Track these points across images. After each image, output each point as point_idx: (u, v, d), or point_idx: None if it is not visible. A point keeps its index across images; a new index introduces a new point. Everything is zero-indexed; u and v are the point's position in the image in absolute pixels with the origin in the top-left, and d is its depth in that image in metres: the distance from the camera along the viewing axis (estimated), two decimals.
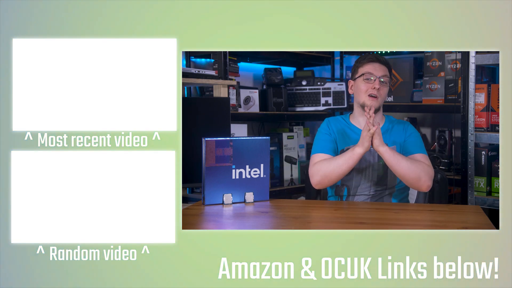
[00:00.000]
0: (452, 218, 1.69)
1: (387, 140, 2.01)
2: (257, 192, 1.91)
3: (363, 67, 2.01)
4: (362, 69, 2.01)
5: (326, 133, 2.06)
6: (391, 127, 2.07)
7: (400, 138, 2.04)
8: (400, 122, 2.11)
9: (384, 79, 1.98)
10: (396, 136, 2.04)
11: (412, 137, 2.03)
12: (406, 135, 2.04)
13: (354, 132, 2.05)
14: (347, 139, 2.04)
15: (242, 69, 3.14)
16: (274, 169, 3.02)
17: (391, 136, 2.04)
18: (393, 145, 2.00)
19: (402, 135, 2.05)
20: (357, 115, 2.06)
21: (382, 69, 2.00)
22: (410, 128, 2.07)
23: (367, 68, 2.00)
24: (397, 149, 2.01)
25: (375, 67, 1.99)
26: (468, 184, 2.55)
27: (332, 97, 3.23)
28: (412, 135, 2.04)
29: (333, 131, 2.06)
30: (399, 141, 2.03)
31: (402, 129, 2.06)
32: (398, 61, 3.19)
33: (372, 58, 2.01)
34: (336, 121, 2.10)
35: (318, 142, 2.06)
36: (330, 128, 2.07)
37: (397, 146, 2.02)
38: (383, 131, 2.03)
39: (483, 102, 2.54)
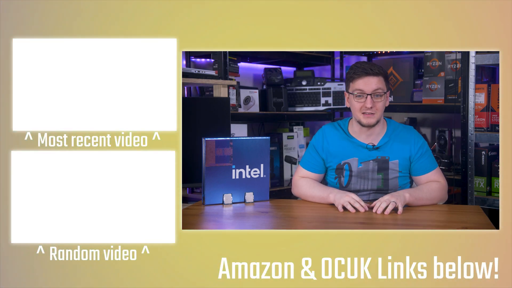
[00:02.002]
0: (452, 218, 1.69)
1: (388, 152, 1.94)
2: (257, 192, 1.91)
3: (353, 82, 1.88)
4: (353, 85, 1.88)
5: (316, 148, 1.99)
6: (394, 137, 1.95)
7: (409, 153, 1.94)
8: (404, 129, 1.99)
9: (378, 92, 1.86)
10: (402, 149, 1.94)
11: (425, 154, 1.94)
12: (416, 149, 1.94)
13: (352, 143, 1.96)
14: (344, 152, 1.96)
15: (242, 69, 3.14)
16: (274, 169, 3.02)
17: (395, 148, 1.94)
18: (395, 159, 1.93)
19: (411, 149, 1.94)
20: (355, 127, 1.96)
21: (374, 81, 1.86)
22: (418, 139, 1.97)
23: (358, 85, 1.86)
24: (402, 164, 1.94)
25: (365, 82, 1.85)
26: (468, 184, 2.55)
27: (332, 97, 3.23)
28: (424, 150, 1.95)
29: (328, 144, 1.98)
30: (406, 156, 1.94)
31: (409, 141, 1.95)
32: (398, 61, 3.19)
33: (361, 73, 1.86)
34: (333, 130, 2.00)
35: (307, 156, 2.02)
36: (324, 142, 1.98)
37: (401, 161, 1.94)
38: (383, 142, 1.94)
39: (483, 102, 2.54)
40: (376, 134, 1.95)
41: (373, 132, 1.94)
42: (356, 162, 1.94)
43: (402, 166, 1.94)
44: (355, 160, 1.95)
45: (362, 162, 1.94)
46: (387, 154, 1.93)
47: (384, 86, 1.89)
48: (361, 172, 1.94)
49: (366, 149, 1.94)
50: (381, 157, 1.93)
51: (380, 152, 1.94)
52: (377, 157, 1.93)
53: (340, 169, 1.96)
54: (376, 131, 1.94)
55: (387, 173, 1.93)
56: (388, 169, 1.93)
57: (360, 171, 1.94)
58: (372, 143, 1.94)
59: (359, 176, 1.95)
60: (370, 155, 1.94)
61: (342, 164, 1.96)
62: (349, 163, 1.95)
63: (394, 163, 1.93)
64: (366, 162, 1.94)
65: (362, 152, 1.94)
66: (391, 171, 1.93)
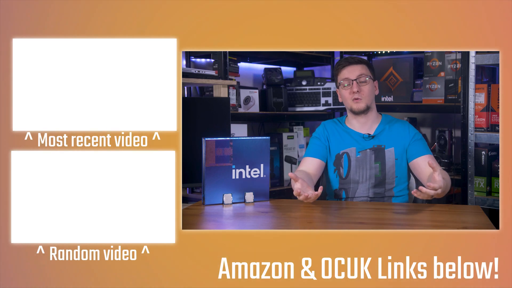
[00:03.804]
0: (452, 218, 1.69)
1: (384, 140, 2.04)
2: (257, 192, 1.91)
3: (339, 74, 2.06)
4: (339, 76, 2.06)
5: (319, 137, 2.11)
6: (388, 127, 2.07)
7: (403, 140, 2.04)
8: (398, 121, 2.11)
9: (361, 78, 2.01)
10: (397, 137, 2.04)
11: (419, 140, 2.04)
12: (411, 136, 2.05)
13: (349, 134, 2.08)
14: (343, 142, 2.07)
15: (242, 69, 3.14)
16: (274, 169, 3.02)
17: (390, 136, 2.05)
18: (390, 147, 2.01)
19: (405, 136, 2.05)
20: (351, 119, 2.11)
21: (357, 69, 2.03)
22: (412, 129, 2.08)
23: (342, 75, 2.04)
24: (398, 151, 2.02)
25: (349, 70, 2.03)
26: (468, 184, 2.55)
27: (332, 97, 3.23)
28: (418, 137, 2.05)
29: (328, 134, 2.10)
30: (401, 143, 2.04)
31: (403, 130, 2.06)
32: (398, 61, 3.19)
33: (344, 63, 2.05)
34: (332, 124, 2.14)
35: (309, 146, 2.13)
36: (325, 132, 2.11)
37: (397, 148, 2.03)
38: (378, 131, 2.04)
39: (483, 102, 2.54)
40: (371, 123, 2.07)
41: (367, 120, 2.06)
42: (354, 151, 2.04)
43: (398, 153, 2.03)
44: (353, 150, 2.05)
45: (360, 151, 2.04)
46: (382, 143, 2.03)
47: (368, 72, 2.04)
48: (359, 161, 2.02)
49: (363, 139, 2.05)
50: (377, 145, 2.03)
51: (375, 140, 2.04)
52: (373, 145, 2.03)
53: (339, 159, 2.05)
54: (370, 120, 2.07)
55: (384, 162, 2.02)
56: (385, 157, 2.02)
57: (358, 160, 2.02)
58: (367, 132, 2.06)
59: (358, 166, 2.02)
60: (367, 144, 2.04)
61: (341, 154, 2.05)
62: (348, 152, 2.05)
63: (390, 151, 2.02)
64: (363, 151, 2.03)
65: (359, 142, 2.05)
66: (387, 160, 2.02)
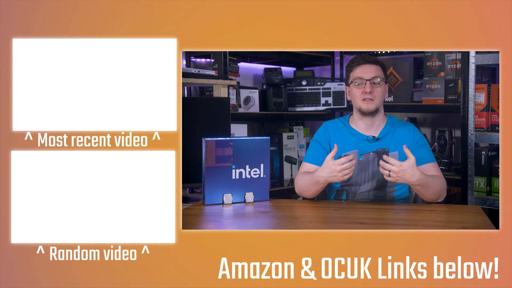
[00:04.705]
0: (452, 218, 1.69)
1: (388, 143, 1.98)
2: (257, 192, 1.91)
3: (353, 72, 1.98)
4: (352, 74, 1.98)
5: (319, 141, 2.05)
6: (393, 130, 2.02)
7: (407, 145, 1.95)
8: (403, 124, 2.06)
9: (376, 80, 1.95)
10: (401, 141, 1.98)
11: (423, 145, 1.99)
12: (415, 141, 1.99)
13: (354, 135, 2.02)
14: (347, 144, 2.01)
15: (242, 69, 3.14)
16: (274, 169, 3.02)
17: (394, 139, 2.00)
18: (394, 151, 1.96)
19: (409, 141, 1.98)
20: (357, 119, 2.03)
21: (372, 69, 1.96)
22: (417, 133, 2.03)
23: (357, 73, 1.97)
24: (401, 156, 1.95)
25: (364, 69, 1.96)
26: (468, 184, 2.55)
27: (332, 97, 3.22)
28: (422, 143, 2.00)
29: (330, 136, 2.04)
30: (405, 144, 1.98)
31: (408, 134, 2.01)
32: (398, 61, 3.19)
33: (360, 61, 1.97)
34: (334, 125, 2.08)
35: (308, 150, 2.07)
36: (326, 135, 2.05)
37: (400, 152, 1.95)
38: (383, 134, 2.00)
39: (483, 102, 2.54)
40: (376, 126, 2.01)
41: (374, 122, 2.00)
42: (357, 154, 1.97)
43: (401, 158, 1.96)
44: (356, 153, 1.97)
45: (363, 154, 1.98)
46: (386, 146, 1.96)
47: (382, 75, 1.97)
48: (361, 165, 1.97)
49: (367, 141, 1.99)
50: (381, 148, 1.97)
51: (380, 143, 1.99)
52: (377, 149, 1.97)
53: None
54: (376, 122, 2.00)
55: None
56: None
57: (361, 163, 1.97)
58: (372, 135, 2.00)
59: (360, 169, 1.97)
60: (371, 147, 1.98)
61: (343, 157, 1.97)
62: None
63: (393, 154, 1.95)
64: (366, 154, 1.98)
65: (363, 145, 1.99)
66: None
